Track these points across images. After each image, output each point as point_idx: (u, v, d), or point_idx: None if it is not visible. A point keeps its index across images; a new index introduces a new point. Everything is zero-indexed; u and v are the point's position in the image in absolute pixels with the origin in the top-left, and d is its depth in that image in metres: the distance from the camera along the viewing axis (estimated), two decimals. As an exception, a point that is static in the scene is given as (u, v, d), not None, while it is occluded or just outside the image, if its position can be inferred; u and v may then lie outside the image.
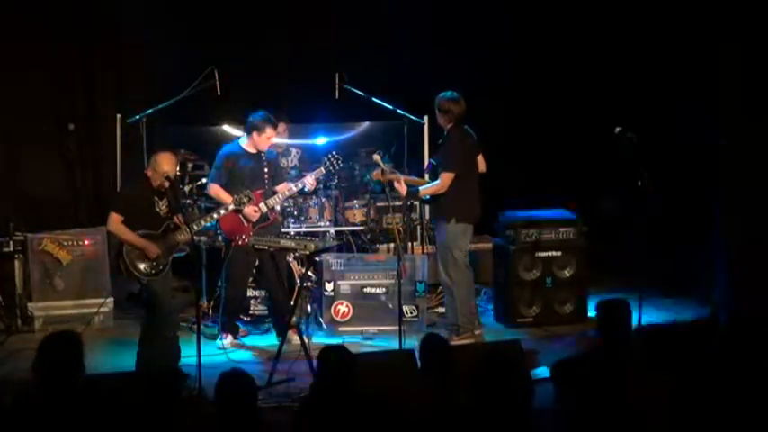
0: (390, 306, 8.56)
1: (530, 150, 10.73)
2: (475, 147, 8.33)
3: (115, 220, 7.32)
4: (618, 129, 8.00)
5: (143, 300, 7.64)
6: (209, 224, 8.03)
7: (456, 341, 7.99)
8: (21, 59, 10.21)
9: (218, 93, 9.13)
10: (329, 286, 8.65)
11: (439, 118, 8.32)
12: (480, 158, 8.37)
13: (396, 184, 8.22)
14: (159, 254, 7.36)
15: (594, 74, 10.57)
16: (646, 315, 8.02)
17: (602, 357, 5.36)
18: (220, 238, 8.69)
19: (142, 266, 7.36)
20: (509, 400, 4.80)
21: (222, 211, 7.92)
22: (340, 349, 5.26)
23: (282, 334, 7.75)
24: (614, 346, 5.36)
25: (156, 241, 7.37)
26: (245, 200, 7.86)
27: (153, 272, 7.38)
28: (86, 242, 9.01)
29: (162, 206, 7.43)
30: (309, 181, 8.37)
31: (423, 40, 10.76)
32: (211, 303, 8.85)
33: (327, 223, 9.19)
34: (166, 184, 7.32)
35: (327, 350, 5.25)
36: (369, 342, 8.43)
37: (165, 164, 7.30)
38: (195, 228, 7.57)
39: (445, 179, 8.14)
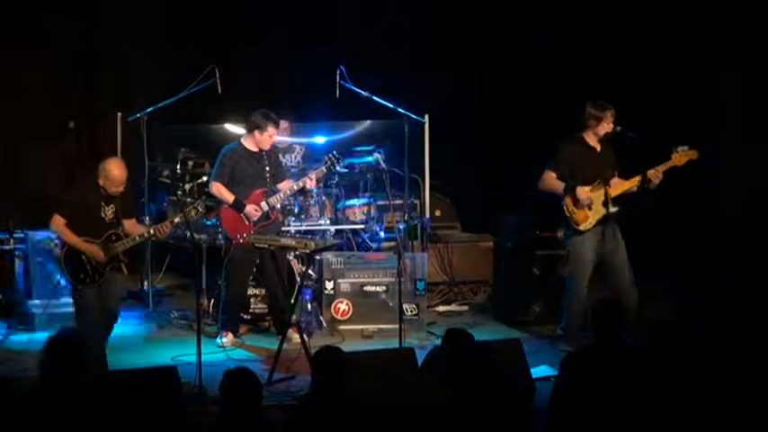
0: (390, 304, 8.55)
1: (530, 149, 10.71)
2: None
3: (59, 223, 7.19)
4: (618, 128, 7.98)
5: (74, 304, 7.43)
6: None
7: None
8: (21, 58, 10.21)
9: (219, 91, 9.12)
10: (329, 285, 8.65)
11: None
12: None
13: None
14: (103, 259, 7.20)
15: (594, 73, 10.55)
16: (646, 313, 8.02)
17: (593, 355, 5.39)
18: (221, 236, 8.69)
19: (78, 273, 7.21)
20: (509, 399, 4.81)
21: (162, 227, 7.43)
22: (334, 350, 5.28)
23: (283, 332, 7.75)
24: (604, 344, 5.37)
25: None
26: (192, 213, 7.45)
27: (88, 280, 7.22)
28: (86, 241, 8.98)
29: (108, 212, 7.25)
30: (310, 180, 8.37)
31: (423, 40, 10.75)
32: (212, 302, 8.84)
33: (328, 221, 9.19)
34: (121, 190, 7.21)
35: (321, 351, 5.28)
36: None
37: (116, 169, 7.16)
38: (137, 240, 7.35)
39: None
